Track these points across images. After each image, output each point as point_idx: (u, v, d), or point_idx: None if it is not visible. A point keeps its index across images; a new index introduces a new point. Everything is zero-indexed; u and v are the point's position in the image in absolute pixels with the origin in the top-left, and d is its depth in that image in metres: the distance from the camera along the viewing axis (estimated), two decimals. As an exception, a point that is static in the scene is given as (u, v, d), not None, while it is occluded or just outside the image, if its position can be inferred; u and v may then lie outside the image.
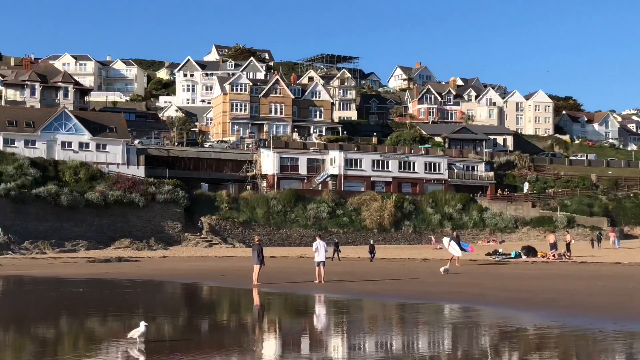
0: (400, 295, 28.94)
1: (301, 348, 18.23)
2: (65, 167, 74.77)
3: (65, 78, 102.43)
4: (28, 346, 18.67)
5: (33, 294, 32.60)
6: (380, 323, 22.35)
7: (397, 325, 21.70)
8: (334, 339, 19.72)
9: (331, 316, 24.73)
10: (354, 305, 27.67)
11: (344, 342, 19.01)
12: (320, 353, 17.36)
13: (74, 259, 57.13)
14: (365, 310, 26.23)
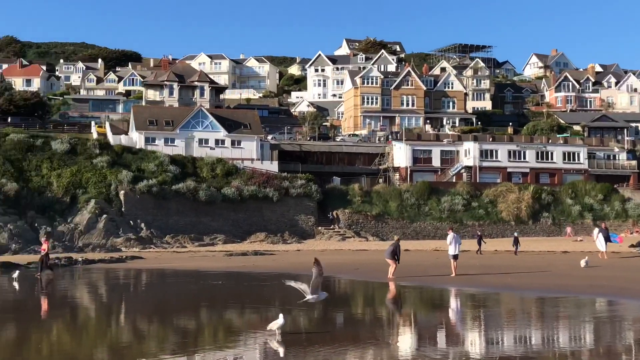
0: (539, 289, 27.97)
1: (437, 342, 17.87)
2: (202, 164, 77.04)
3: (201, 77, 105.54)
4: (171, 336, 19.18)
5: (175, 287, 33.67)
6: (519, 317, 21.64)
7: (537, 320, 20.93)
8: (470, 333, 19.23)
9: (467, 310, 24.18)
10: (491, 298, 26.97)
11: (481, 336, 18.49)
12: (457, 347, 16.94)
13: (212, 253, 58.73)
14: (503, 304, 25.51)
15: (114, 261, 49.64)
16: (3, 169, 68.54)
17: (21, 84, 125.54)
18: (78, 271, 43.46)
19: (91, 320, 23.27)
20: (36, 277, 36.84)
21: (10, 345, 18.38)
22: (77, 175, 70.30)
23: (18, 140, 72.08)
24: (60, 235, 64.00)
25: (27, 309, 26.18)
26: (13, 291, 31.80)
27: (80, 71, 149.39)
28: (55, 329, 20.67)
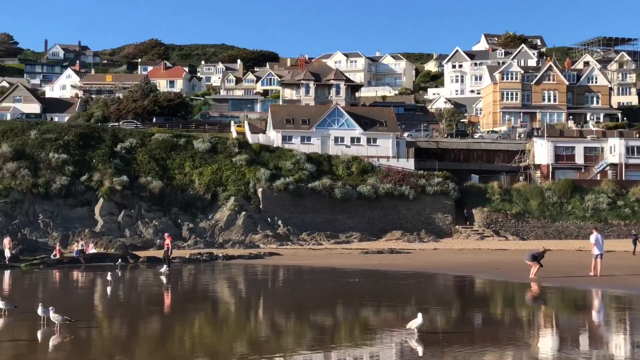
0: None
1: (580, 344, 17.05)
2: (338, 162, 77.48)
3: (337, 75, 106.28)
4: (308, 332, 19.23)
5: (311, 283, 33.91)
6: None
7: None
8: (615, 336, 18.23)
9: (612, 312, 23.01)
10: (638, 301, 25.58)
11: (626, 340, 17.49)
12: (601, 350, 16.08)
13: (348, 250, 58.95)
14: (654, 308, 24.11)
15: (252, 257, 50.67)
16: (148, 167, 71.47)
17: (165, 86, 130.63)
18: (218, 266, 44.64)
19: (231, 315, 23.72)
20: (163, 272, 38.20)
21: (155, 337, 18.95)
22: (218, 173, 72.35)
23: (162, 139, 74.96)
24: (201, 232, 66.07)
25: (171, 301, 27.02)
26: (159, 284, 32.97)
27: (221, 72, 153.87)
28: (197, 323, 21.17)
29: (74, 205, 66.35)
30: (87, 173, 68.49)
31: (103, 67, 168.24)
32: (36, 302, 20.05)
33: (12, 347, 16.86)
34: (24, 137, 70.58)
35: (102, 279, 34.13)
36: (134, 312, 23.97)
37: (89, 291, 31.67)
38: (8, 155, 67.34)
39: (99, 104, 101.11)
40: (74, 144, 70.98)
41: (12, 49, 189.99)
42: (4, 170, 66.23)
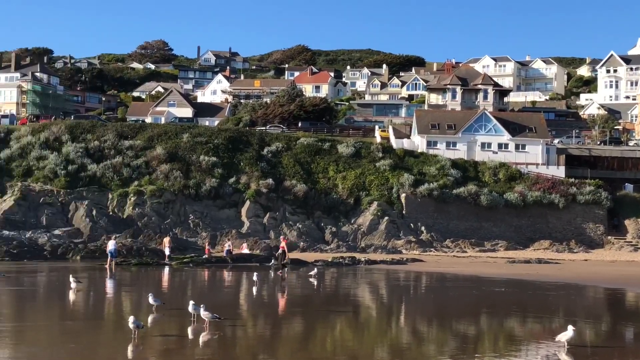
0: None
1: None
2: (484, 168, 75.88)
3: (485, 80, 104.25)
4: (450, 341, 18.84)
5: (454, 291, 33.32)
6: None
7: None
8: None
9: None
10: None
11: None
12: None
13: (493, 259, 57.59)
14: None
15: (394, 263, 50.43)
16: (293, 171, 72.62)
17: (311, 91, 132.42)
18: (360, 271, 44.70)
19: (372, 319, 23.62)
20: (278, 274, 38.73)
21: (298, 338, 19.11)
22: (361, 177, 72.55)
23: (307, 143, 75.99)
24: (344, 236, 66.43)
25: (316, 303, 27.24)
26: (302, 286, 33.35)
27: (366, 77, 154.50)
28: (338, 325, 21.19)
29: (222, 207, 68.37)
30: (235, 175, 70.40)
31: (252, 73, 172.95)
32: (186, 300, 20.70)
33: (162, 342, 17.44)
34: (176, 140, 73.47)
35: (248, 278, 34.91)
36: (277, 312, 24.31)
37: (235, 290, 32.47)
38: (162, 157, 70.28)
39: (247, 108, 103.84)
40: (223, 147, 73.19)
41: (167, 55, 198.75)
42: (158, 171, 69.14)
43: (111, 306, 25.87)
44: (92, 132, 73.46)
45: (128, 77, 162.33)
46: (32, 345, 17.26)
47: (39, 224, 60.96)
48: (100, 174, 67.69)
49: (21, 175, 66.95)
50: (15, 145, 70.03)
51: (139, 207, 64.33)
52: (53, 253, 49.79)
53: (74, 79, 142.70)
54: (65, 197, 64.65)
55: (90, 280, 33.94)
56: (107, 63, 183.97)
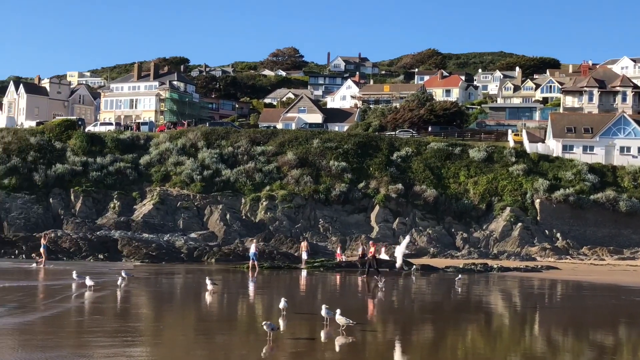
0: None
1: None
2: (623, 173, 72.87)
3: (624, 82, 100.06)
4: (586, 351, 18.16)
5: (591, 300, 32.12)
6: None
7: None
8: None
9: None
10: None
11: None
12: None
13: (633, 267, 55.14)
14: None
15: (528, 270, 49.15)
16: (423, 176, 72.10)
17: (441, 95, 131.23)
18: (492, 278, 43.81)
19: (505, 328, 23.09)
20: (360, 278, 38.45)
21: (428, 344, 18.92)
22: (493, 183, 71.18)
23: (438, 148, 75.27)
24: (475, 242, 65.30)
25: (446, 310, 26.92)
26: (433, 292, 33.00)
27: (498, 80, 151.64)
28: (470, 333, 20.84)
29: (351, 212, 68.71)
30: (365, 180, 70.62)
31: (381, 78, 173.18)
32: (316, 304, 20.89)
33: (295, 345, 17.67)
34: (307, 145, 74.45)
35: (376, 283, 34.85)
36: (407, 318, 24.17)
37: (365, 295, 32.51)
38: (293, 163, 71.41)
39: (377, 113, 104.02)
40: (353, 153, 73.58)
41: (298, 62, 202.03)
42: (289, 176, 70.30)
43: (244, 308, 26.46)
44: (226, 139, 75.57)
45: (260, 84, 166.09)
46: (169, 344, 17.88)
47: (176, 227, 63.22)
48: (234, 179, 69.49)
49: (159, 180, 69.66)
50: (154, 152, 72.96)
51: (270, 212, 65.59)
52: (189, 255, 51.55)
53: (209, 87, 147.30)
54: (201, 202, 66.78)
55: (225, 282, 34.86)
56: (240, 71, 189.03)
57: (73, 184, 67.65)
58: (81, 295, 26.99)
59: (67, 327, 20.10)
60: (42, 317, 21.28)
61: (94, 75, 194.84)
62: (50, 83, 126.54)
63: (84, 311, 23.31)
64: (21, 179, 67.07)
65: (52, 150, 72.04)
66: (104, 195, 67.10)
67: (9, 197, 64.52)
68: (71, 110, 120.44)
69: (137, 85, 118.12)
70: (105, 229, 59.89)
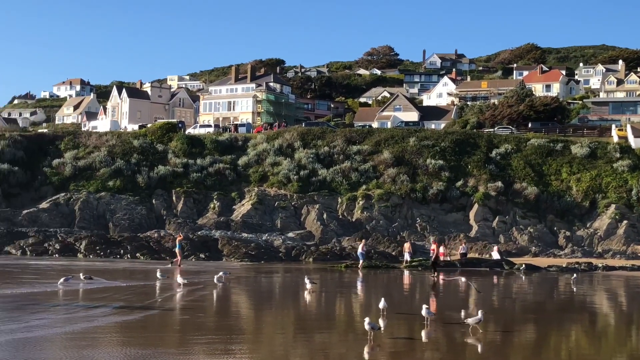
0: None
1: None
2: None
3: None
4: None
5: None
6: None
7: None
8: None
9: None
10: None
11: None
12: None
13: None
14: None
15: (635, 269, 47.44)
16: (524, 173, 70.49)
17: (541, 90, 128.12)
18: (597, 277, 42.48)
19: (610, 328, 22.32)
20: (431, 278, 38.06)
21: (530, 345, 18.46)
22: (597, 179, 69.00)
23: (538, 145, 73.49)
24: (578, 240, 63.41)
25: (549, 310, 26.23)
26: (535, 292, 32.22)
27: (600, 74, 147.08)
28: (574, 333, 20.22)
29: (449, 210, 67.87)
30: (462, 179, 69.67)
31: (478, 74, 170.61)
32: (415, 303, 20.69)
33: (394, 344, 17.54)
34: (403, 144, 73.98)
35: (476, 283, 34.28)
36: (508, 318, 23.66)
37: (465, 295, 32.04)
38: (389, 162, 71.08)
39: (474, 110, 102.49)
40: (450, 151, 72.69)
41: (393, 60, 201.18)
42: (385, 175, 69.99)
43: (343, 307, 26.47)
44: (322, 138, 75.93)
45: (355, 84, 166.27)
46: (268, 342, 18.03)
47: (274, 226, 63.90)
48: (330, 179, 69.74)
49: (257, 180, 70.59)
50: (252, 152, 73.99)
51: (367, 211, 65.50)
52: (287, 255, 52.02)
53: (304, 88, 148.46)
54: (298, 201, 67.29)
55: (322, 281, 35.01)
56: (335, 71, 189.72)
57: (174, 185, 69.33)
58: (184, 295, 27.57)
59: (170, 324, 20.56)
60: (147, 315, 21.82)
61: (192, 79, 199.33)
62: (151, 87, 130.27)
63: (186, 309, 23.80)
64: (125, 180, 69.18)
65: (154, 153, 74.06)
66: (204, 196, 68.49)
67: (113, 198, 66.66)
68: (172, 113, 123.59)
69: (234, 88, 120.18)
70: (205, 229, 61.11)
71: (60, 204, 65.44)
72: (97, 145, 74.75)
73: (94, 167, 70.73)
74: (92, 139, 77.06)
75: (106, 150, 73.20)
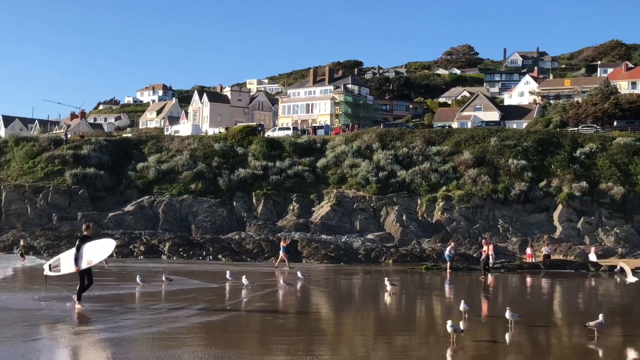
0: None
1: None
2: None
3: None
4: None
5: None
6: None
7: None
8: None
9: None
10: None
11: None
12: None
13: None
14: None
15: None
16: (609, 173, 68.59)
17: (626, 87, 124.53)
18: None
19: None
20: (480, 279, 37.38)
21: (618, 349, 17.90)
22: None
23: (624, 143, 71.42)
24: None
25: (635, 313, 25.43)
26: (622, 294, 31.25)
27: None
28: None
29: (532, 211, 66.59)
30: (546, 179, 68.26)
31: (561, 72, 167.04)
32: (497, 306, 20.32)
33: (475, 347, 17.26)
34: (484, 144, 72.93)
35: (561, 285, 33.55)
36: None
37: (549, 297, 31.34)
38: (469, 162, 70.20)
39: (557, 109, 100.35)
40: (533, 150, 71.31)
41: (472, 59, 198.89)
42: (465, 176, 69.13)
43: (423, 309, 26.21)
44: (401, 139, 75.55)
45: (434, 84, 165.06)
46: (348, 343, 17.96)
47: (353, 228, 63.88)
48: (409, 180, 69.32)
49: (336, 182, 70.71)
50: (330, 154, 74.17)
51: (447, 212, 64.84)
52: (367, 256, 51.90)
53: (382, 89, 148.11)
54: (377, 203, 67.10)
55: (402, 283, 34.75)
56: (413, 71, 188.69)
57: (254, 187, 70.07)
58: (268, 295, 27.78)
59: (252, 326, 20.71)
60: (228, 317, 22.04)
61: (271, 82, 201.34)
62: (231, 91, 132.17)
63: (267, 311, 23.95)
64: (207, 183, 70.30)
65: (234, 156, 75.03)
66: (283, 198, 68.98)
67: (195, 200, 67.81)
68: (251, 117, 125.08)
69: (312, 90, 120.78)
70: (285, 231, 61.53)
71: (144, 207, 66.97)
72: (179, 149, 76.21)
73: (176, 170, 72.13)
74: (175, 142, 78.61)
75: (188, 154, 74.52)
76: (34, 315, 21.24)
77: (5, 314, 21.00)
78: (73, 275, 22.76)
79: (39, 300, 24.03)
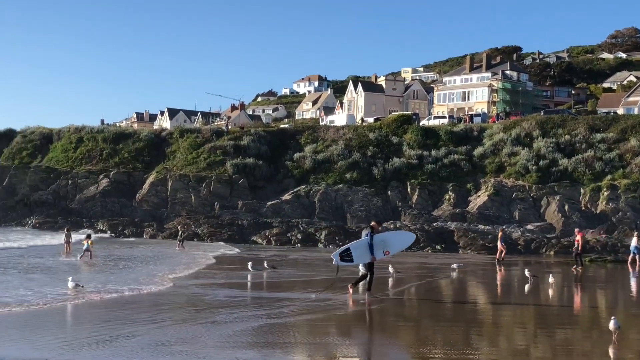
0: None
1: None
2: None
3: None
4: None
5: None
6: None
7: None
8: None
9: None
10: None
11: None
12: None
13: None
14: None
15: None
16: None
17: None
18: None
19: None
20: (572, 270, 35.97)
21: None
22: None
23: None
24: None
25: None
26: None
27: None
28: None
29: None
30: None
31: None
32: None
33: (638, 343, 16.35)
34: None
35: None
36: None
37: None
38: (637, 150, 66.61)
39: None
40: None
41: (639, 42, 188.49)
42: (632, 164, 65.64)
43: (586, 303, 25.17)
44: (563, 127, 72.89)
45: (597, 68, 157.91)
46: (508, 336, 17.49)
47: (512, 218, 62.30)
48: (572, 169, 66.73)
49: (494, 171, 69.18)
50: (488, 143, 72.60)
51: (612, 202, 61.90)
52: (526, 247, 50.52)
53: (543, 74, 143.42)
54: (537, 192, 65.07)
55: (564, 275, 33.54)
56: (575, 56, 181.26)
57: (409, 176, 69.76)
58: (423, 285, 27.57)
59: (408, 314, 20.59)
60: (384, 305, 22.04)
61: (426, 70, 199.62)
62: (385, 80, 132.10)
63: (424, 300, 23.73)
64: (361, 173, 70.70)
65: (389, 145, 74.99)
66: (438, 187, 68.27)
67: (350, 190, 68.36)
68: (405, 106, 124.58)
69: (469, 77, 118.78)
70: (441, 220, 60.90)
71: (300, 196, 68.26)
72: (334, 139, 77.05)
73: (331, 160, 72.99)
74: (330, 132, 79.56)
75: (343, 144, 75.19)
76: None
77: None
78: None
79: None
